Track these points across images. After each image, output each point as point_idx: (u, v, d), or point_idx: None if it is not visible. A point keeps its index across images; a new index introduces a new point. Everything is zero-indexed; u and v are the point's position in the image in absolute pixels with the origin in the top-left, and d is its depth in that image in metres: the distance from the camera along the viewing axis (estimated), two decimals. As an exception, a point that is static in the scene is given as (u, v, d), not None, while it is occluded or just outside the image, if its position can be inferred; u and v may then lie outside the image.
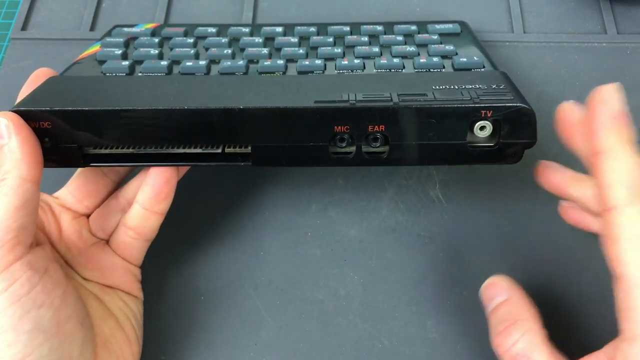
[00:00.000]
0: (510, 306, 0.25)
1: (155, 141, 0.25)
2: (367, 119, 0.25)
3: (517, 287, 0.26)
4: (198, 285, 0.31)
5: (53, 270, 0.23)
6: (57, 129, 0.25)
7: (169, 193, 0.27)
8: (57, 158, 0.26)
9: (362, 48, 0.31)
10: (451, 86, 0.26)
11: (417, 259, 0.32)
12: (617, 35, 0.40)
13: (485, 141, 0.25)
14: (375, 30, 0.34)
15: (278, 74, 0.29)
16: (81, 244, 0.27)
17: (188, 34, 0.34)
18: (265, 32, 0.34)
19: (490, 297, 0.26)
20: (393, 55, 0.31)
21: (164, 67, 0.29)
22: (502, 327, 0.24)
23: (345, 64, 0.29)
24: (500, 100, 0.24)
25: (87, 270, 0.27)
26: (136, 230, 0.27)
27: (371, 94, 0.25)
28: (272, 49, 0.32)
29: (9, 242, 0.21)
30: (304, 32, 0.34)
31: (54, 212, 0.27)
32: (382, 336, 0.29)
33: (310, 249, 0.32)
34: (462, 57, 0.29)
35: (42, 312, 0.22)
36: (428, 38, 0.33)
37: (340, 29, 0.34)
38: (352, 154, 0.26)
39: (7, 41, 0.42)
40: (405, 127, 0.25)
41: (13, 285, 0.21)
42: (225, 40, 0.33)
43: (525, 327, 0.23)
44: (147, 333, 0.29)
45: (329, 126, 0.25)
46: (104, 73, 0.29)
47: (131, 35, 0.34)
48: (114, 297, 0.27)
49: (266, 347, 0.29)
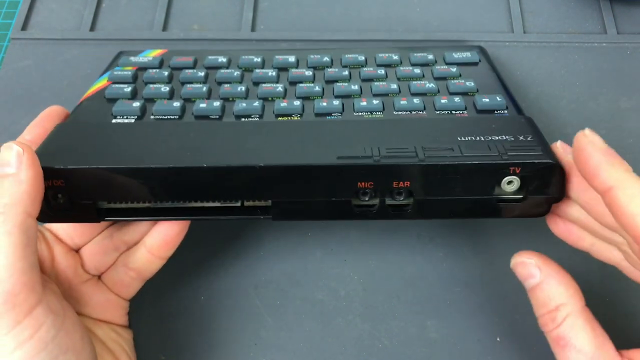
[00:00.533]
0: (547, 290, 0.23)
1: (171, 197, 0.25)
2: (392, 175, 0.24)
3: (550, 264, 0.24)
4: (198, 285, 0.31)
5: (69, 311, 0.22)
6: (70, 186, 0.24)
7: (178, 240, 0.27)
8: (70, 214, 0.25)
9: (380, 84, 0.30)
10: (477, 137, 0.25)
11: (417, 259, 0.32)
12: (617, 35, 0.40)
13: (513, 194, 0.25)
14: (391, 60, 0.33)
15: (296, 117, 0.28)
16: (75, 280, 0.26)
17: (197, 63, 0.33)
18: (277, 62, 0.33)
19: (523, 276, 0.24)
20: (412, 93, 0.30)
21: (176, 110, 0.28)
22: (543, 311, 0.23)
23: (364, 105, 0.28)
24: (529, 157, 0.24)
25: (80, 306, 0.26)
26: (137, 271, 0.27)
27: (395, 148, 0.24)
28: (287, 84, 0.31)
29: (27, 284, 0.20)
30: (317, 62, 0.33)
31: (47, 242, 0.26)
32: (382, 336, 0.29)
33: (311, 249, 0.32)
34: (484, 96, 0.28)
35: (67, 358, 0.21)
36: (447, 71, 0.31)
37: (355, 59, 0.33)
38: (376, 207, 0.25)
39: (7, 41, 0.42)
40: (431, 184, 0.24)
41: (39, 332, 0.20)
42: (237, 73, 0.31)
43: (566, 312, 0.23)
44: (147, 333, 0.29)
45: (353, 182, 0.24)
46: (114, 115, 0.28)
47: (139, 65, 0.33)
48: (107, 330, 0.27)
49: (266, 347, 0.29)
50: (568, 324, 0.22)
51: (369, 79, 0.31)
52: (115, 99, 0.30)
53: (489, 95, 0.29)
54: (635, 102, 0.37)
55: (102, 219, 0.25)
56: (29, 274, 0.20)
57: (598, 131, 0.35)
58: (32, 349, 0.20)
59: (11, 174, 0.21)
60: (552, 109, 0.37)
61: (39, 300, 0.20)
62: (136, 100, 0.29)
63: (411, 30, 0.41)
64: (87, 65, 0.39)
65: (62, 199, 0.24)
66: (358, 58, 0.33)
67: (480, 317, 0.30)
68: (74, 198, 0.24)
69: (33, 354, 0.20)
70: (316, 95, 0.30)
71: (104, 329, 0.27)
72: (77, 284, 0.26)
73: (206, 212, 0.26)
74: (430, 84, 0.30)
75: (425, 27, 0.41)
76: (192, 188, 0.24)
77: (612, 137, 0.35)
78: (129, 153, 0.25)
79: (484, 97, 0.28)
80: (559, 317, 0.23)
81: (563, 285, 0.23)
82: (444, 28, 0.41)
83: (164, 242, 0.27)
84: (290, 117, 0.28)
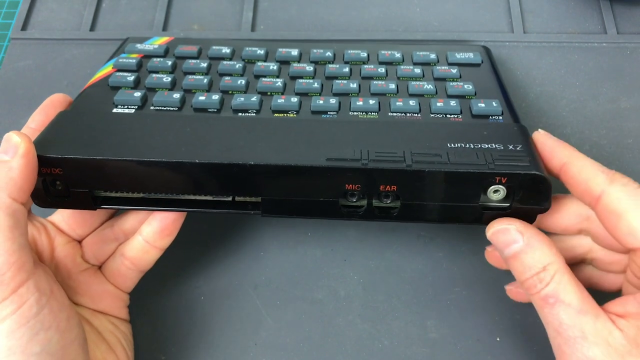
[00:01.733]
0: (532, 253, 0.24)
1: (165, 189, 0.25)
2: (379, 179, 0.24)
3: (528, 226, 0.24)
4: (198, 285, 0.31)
5: (58, 292, 0.23)
6: (68, 174, 0.25)
7: (174, 230, 0.27)
8: (68, 200, 0.26)
9: (378, 84, 0.30)
10: (467, 144, 0.25)
11: (417, 259, 0.32)
12: (617, 35, 0.40)
13: (499, 202, 0.25)
14: (394, 58, 0.33)
15: (292, 114, 0.28)
16: (73, 269, 0.27)
17: (202, 53, 0.34)
18: (280, 55, 0.33)
19: (505, 243, 0.24)
20: (410, 93, 0.30)
21: (176, 101, 0.28)
22: (529, 274, 0.23)
23: (360, 104, 0.28)
24: (515, 167, 0.24)
25: (78, 295, 0.27)
26: (133, 261, 0.28)
27: (383, 152, 0.25)
28: (287, 78, 0.31)
29: (15, 263, 0.21)
30: (319, 57, 0.33)
31: (48, 233, 0.27)
32: (382, 336, 0.29)
33: (310, 249, 0.32)
34: (480, 101, 0.28)
35: (49, 335, 0.22)
36: (447, 72, 0.32)
37: (358, 55, 0.33)
38: (363, 208, 0.26)
39: (7, 41, 0.42)
40: (417, 189, 0.24)
41: (22, 308, 0.21)
42: (239, 65, 0.32)
43: (553, 270, 0.23)
44: (147, 333, 0.29)
45: (340, 184, 0.25)
46: (115, 105, 0.29)
47: (144, 53, 0.33)
48: (104, 321, 0.27)
49: (266, 347, 0.29)
50: (556, 281, 0.23)
51: (368, 77, 0.31)
52: (118, 87, 0.30)
53: (485, 100, 0.29)
54: (635, 102, 0.37)
55: (98, 206, 0.26)
56: (17, 254, 0.21)
57: (598, 131, 0.36)
58: (13, 323, 0.21)
59: (3, 160, 0.22)
60: (552, 109, 0.37)
61: (26, 279, 0.21)
62: (137, 90, 0.29)
63: (411, 30, 0.41)
64: (87, 65, 0.39)
65: (60, 186, 0.25)
66: (360, 54, 0.33)
67: (480, 317, 0.30)
68: (71, 186, 0.25)
69: (14, 328, 0.21)
70: (314, 92, 0.30)
71: (101, 319, 0.27)
72: (75, 273, 0.27)
73: (198, 204, 0.26)
74: (428, 85, 0.30)
75: (425, 27, 0.41)
76: (185, 182, 0.25)
77: (612, 137, 0.36)
78: (126, 145, 0.25)
79: (479, 102, 0.28)
80: (547, 277, 0.23)
81: (546, 245, 0.24)
82: (444, 28, 0.41)
83: (159, 229, 0.27)
84: (287, 113, 0.28)
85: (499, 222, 0.25)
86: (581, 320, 0.22)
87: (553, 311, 0.22)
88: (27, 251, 0.22)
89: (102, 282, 0.28)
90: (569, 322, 0.22)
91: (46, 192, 0.26)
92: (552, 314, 0.22)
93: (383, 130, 0.26)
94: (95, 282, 0.27)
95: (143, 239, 0.27)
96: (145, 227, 0.27)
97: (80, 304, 0.27)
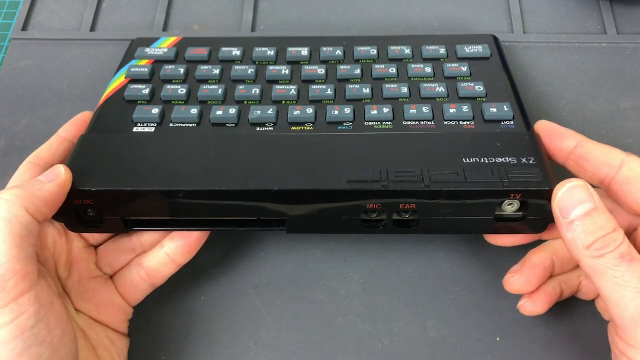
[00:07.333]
0: (605, 213, 0.23)
1: (193, 212, 0.27)
2: (399, 199, 0.25)
3: (595, 192, 0.24)
4: (198, 285, 0.31)
5: (58, 305, 0.23)
6: (99, 204, 0.26)
7: (196, 248, 0.28)
8: (100, 226, 0.27)
9: (391, 87, 0.31)
10: (481, 159, 0.26)
11: (417, 259, 0.32)
12: (617, 35, 0.40)
13: (512, 213, 0.26)
14: (403, 54, 0.33)
15: (308, 126, 0.29)
16: (85, 274, 0.27)
17: (212, 55, 0.34)
18: (290, 56, 0.34)
19: (579, 200, 0.24)
20: (422, 97, 0.31)
21: (194, 117, 0.29)
22: (602, 233, 0.23)
23: (374, 113, 0.29)
24: (529, 184, 0.25)
25: (83, 301, 0.27)
26: (150, 272, 0.28)
27: (402, 171, 0.26)
28: (299, 82, 0.32)
29: (20, 271, 0.21)
30: (329, 56, 0.34)
31: (67, 235, 0.28)
32: (382, 336, 0.29)
33: (310, 249, 0.32)
34: (492, 105, 0.29)
35: (41, 350, 0.22)
36: (457, 70, 0.32)
37: (367, 52, 0.34)
38: (383, 222, 0.27)
39: (7, 41, 0.42)
40: (435, 206, 0.26)
41: (19, 318, 0.21)
42: (251, 70, 0.32)
43: (622, 231, 0.23)
44: (147, 333, 0.29)
45: (362, 204, 0.26)
46: (135, 122, 0.29)
47: (155, 58, 0.34)
48: (101, 334, 0.27)
49: (266, 347, 0.29)
50: (627, 242, 0.23)
51: (380, 78, 0.32)
52: (134, 100, 0.31)
53: (496, 103, 0.29)
54: (635, 102, 0.37)
55: (130, 229, 0.28)
56: (23, 263, 0.21)
57: (598, 131, 0.36)
58: (8, 333, 0.21)
59: (39, 180, 0.24)
60: (552, 109, 0.37)
61: (28, 289, 0.21)
62: (155, 106, 0.30)
63: (411, 30, 0.41)
64: (87, 65, 0.39)
65: (92, 213, 0.27)
66: (370, 51, 0.34)
67: (480, 316, 0.30)
68: (102, 214, 0.27)
69: (8, 338, 0.21)
70: (328, 99, 0.31)
71: (98, 332, 0.27)
72: (86, 279, 0.27)
73: (225, 224, 0.28)
74: (440, 88, 0.31)
75: (425, 27, 0.41)
76: (212, 206, 0.26)
77: (612, 137, 0.36)
78: (154, 173, 0.26)
79: (491, 106, 0.29)
80: (619, 237, 0.23)
81: (608, 211, 0.24)
82: (443, 28, 0.41)
83: (183, 245, 0.28)
84: (303, 126, 0.29)
85: (570, 180, 0.24)
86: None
87: (631, 268, 0.22)
88: (33, 262, 0.22)
89: (110, 291, 0.28)
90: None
91: (79, 219, 0.27)
92: (632, 269, 0.22)
93: (399, 143, 0.27)
94: (104, 290, 0.28)
95: (164, 253, 0.28)
96: (168, 242, 0.28)
97: (82, 311, 0.27)
